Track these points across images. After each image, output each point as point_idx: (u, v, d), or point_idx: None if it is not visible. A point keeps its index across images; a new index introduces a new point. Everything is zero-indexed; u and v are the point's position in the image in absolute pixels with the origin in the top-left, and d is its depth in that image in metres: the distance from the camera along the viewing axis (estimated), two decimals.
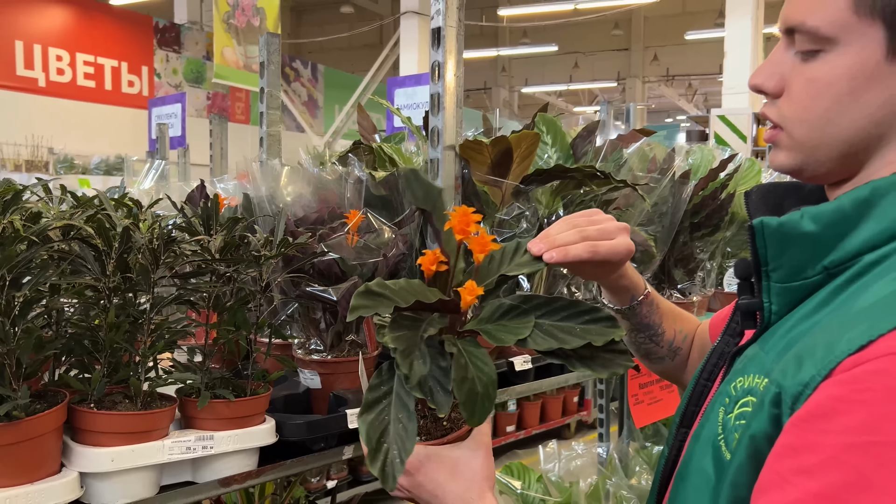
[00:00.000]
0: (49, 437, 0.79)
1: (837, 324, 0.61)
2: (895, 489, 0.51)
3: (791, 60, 0.69)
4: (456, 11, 1.19)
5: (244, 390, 0.96)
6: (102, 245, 0.84)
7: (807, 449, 0.55)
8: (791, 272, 0.67)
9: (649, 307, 0.97)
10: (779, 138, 0.71)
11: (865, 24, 0.63)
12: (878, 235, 0.64)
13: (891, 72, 0.64)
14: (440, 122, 1.20)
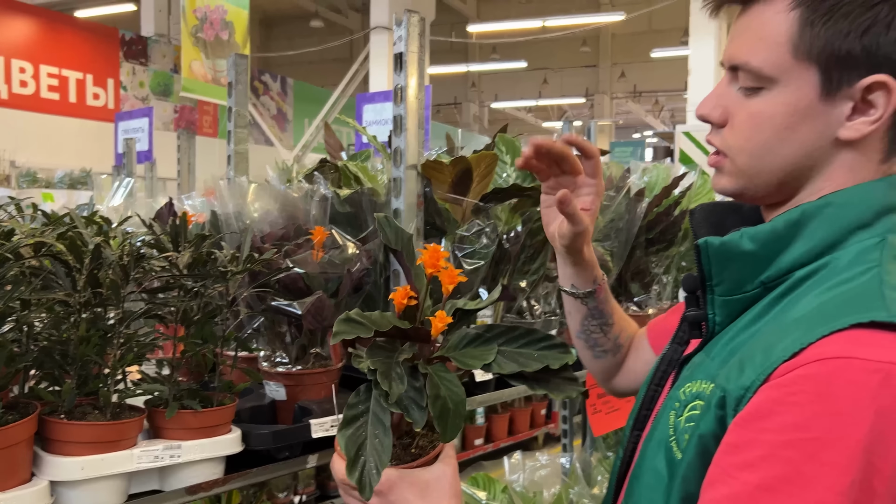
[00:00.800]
0: (20, 447, 0.82)
1: (773, 333, 0.67)
2: (823, 478, 0.58)
3: (735, 94, 0.76)
4: (417, 38, 1.24)
5: (211, 401, 1.00)
6: (74, 261, 0.88)
7: (748, 446, 0.62)
8: (732, 286, 0.74)
9: (605, 294, 1.04)
10: (722, 164, 0.78)
11: (802, 67, 0.70)
12: (807, 254, 0.71)
13: (823, 110, 0.71)
14: (402, 142, 1.26)
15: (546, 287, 1.63)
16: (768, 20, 0.72)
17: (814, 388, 0.60)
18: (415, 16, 1.23)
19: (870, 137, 0.71)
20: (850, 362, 0.60)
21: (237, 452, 1.02)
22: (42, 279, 0.88)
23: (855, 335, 0.62)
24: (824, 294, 0.68)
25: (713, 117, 0.77)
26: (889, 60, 0.68)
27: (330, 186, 1.33)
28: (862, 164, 0.73)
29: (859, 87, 0.69)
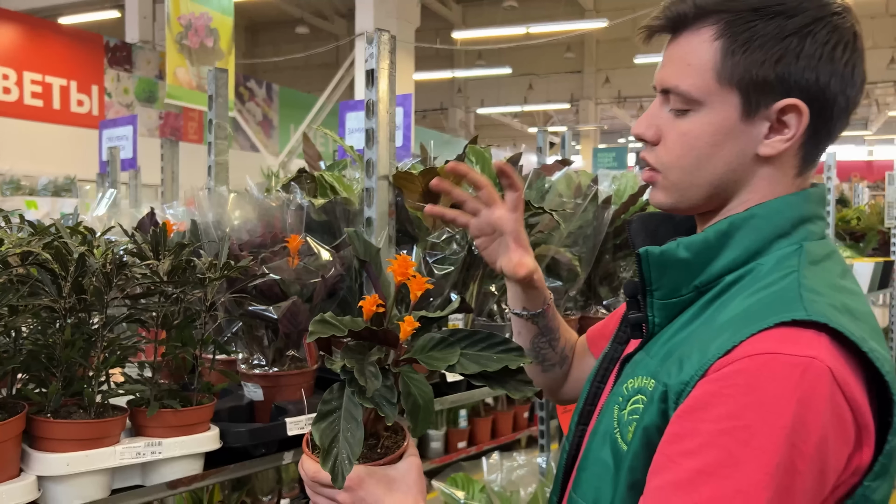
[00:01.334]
0: (9, 444, 0.88)
1: (707, 333, 0.75)
2: (753, 461, 0.66)
3: (666, 115, 0.83)
4: (388, 55, 1.31)
5: (190, 401, 1.05)
6: (59, 269, 0.93)
7: (688, 435, 0.70)
8: (670, 291, 0.81)
9: (553, 312, 1.11)
10: (656, 180, 0.86)
11: (725, 91, 0.78)
12: (735, 261, 0.79)
13: (744, 130, 0.79)
14: (374, 154, 1.32)
15: None
16: (695, 48, 0.79)
17: (744, 381, 0.68)
18: (385, 34, 1.29)
19: (785, 154, 0.79)
20: (775, 357, 0.67)
21: (216, 449, 1.07)
22: (29, 286, 0.94)
23: (779, 333, 0.69)
24: (751, 297, 0.75)
25: (647, 136, 0.84)
26: (799, 86, 0.76)
27: (306, 196, 1.39)
28: (779, 177, 0.81)
29: (775, 109, 0.77)
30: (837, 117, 0.79)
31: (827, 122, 0.79)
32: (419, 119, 18.36)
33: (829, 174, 3.72)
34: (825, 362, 0.67)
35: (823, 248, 0.80)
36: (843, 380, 0.67)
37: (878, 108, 19.42)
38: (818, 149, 0.81)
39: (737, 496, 0.65)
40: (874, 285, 3.98)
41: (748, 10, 0.76)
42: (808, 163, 0.82)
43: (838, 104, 0.78)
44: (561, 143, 2.81)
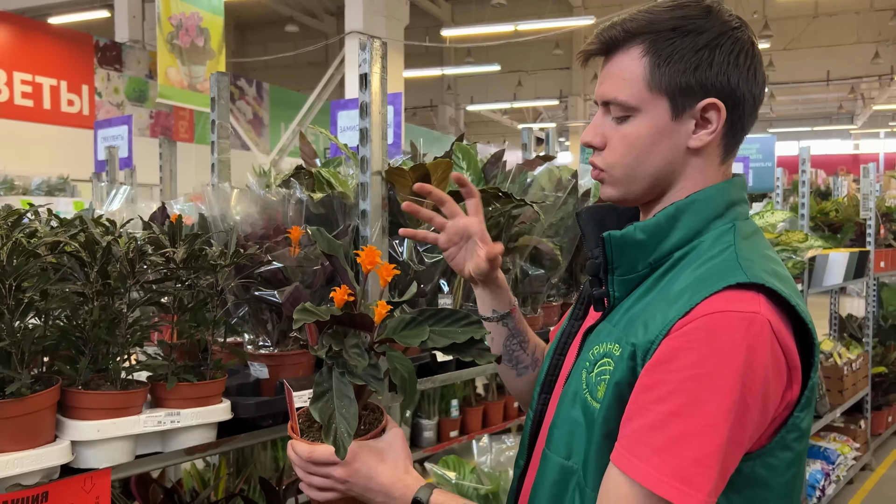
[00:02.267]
0: (46, 412, 0.98)
1: (665, 300, 0.89)
2: (714, 400, 0.80)
3: (609, 124, 0.98)
4: (380, 60, 1.42)
5: (204, 376, 1.17)
6: (87, 257, 1.04)
7: (657, 385, 0.84)
8: (628, 268, 0.96)
9: (519, 315, 1.23)
10: (604, 177, 1.00)
11: (656, 97, 0.93)
12: (682, 239, 0.94)
13: (675, 128, 0.94)
14: (368, 151, 1.43)
15: None
16: (627, 65, 0.94)
17: (703, 335, 0.83)
18: (376, 41, 1.40)
19: (710, 145, 0.95)
20: (726, 314, 0.83)
21: (227, 421, 1.19)
22: (60, 274, 1.05)
23: (727, 295, 0.84)
24: (700, 268, 0.90)
25: (595, 143, 0.99)
26: (715, 88, 0.92)
27: (304, 191, 1.50)
28: (707, 166, 0.96)
29: (698, 109, 0.93)
30: (748, 112, 0.95)
31: (741, 117, 0.94)
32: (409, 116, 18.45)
33: (803, 167, 3.85)
34: (765, 316, 0.82)
35: (750, 226, 0.96)
36: (778, 329, 0.83)
37: (863, 103, 19.66)
38: (736, 139, 0.97)
39: (704, 429, 0.79)
40: (849, 275, 4.12)
41: (667, 31, 0.92)
42: (728, 152, 0.97)
43: (747, 101, 0.94)
44: (546, 140, 2.92)
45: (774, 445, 0.86)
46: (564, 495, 0.93)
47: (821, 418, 4.01)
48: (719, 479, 0.81)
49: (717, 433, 0.79)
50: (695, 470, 0.79)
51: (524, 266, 1.84)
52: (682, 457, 0.80)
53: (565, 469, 0.94)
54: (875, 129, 22.88)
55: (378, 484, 0.96)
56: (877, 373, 5.07)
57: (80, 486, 1.01)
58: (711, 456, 0.79)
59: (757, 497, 0.87)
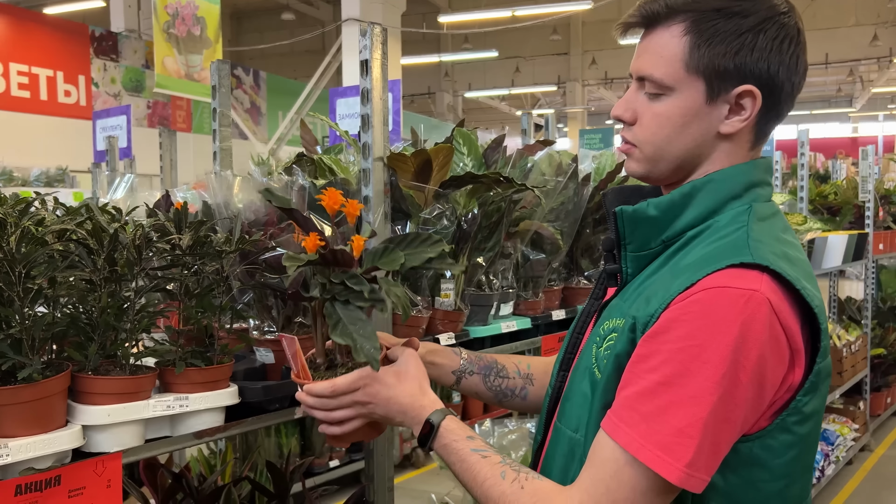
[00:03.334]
0: (57, 397, 1.00)
1: (671, 275, 0.91)
2: (703, 372, 0.81)
3: (642, 99, 0.98)
4: (380, 46, 1.43)
5: (211, 361, 1.18)
6: (94, 245, 1.05)
7: (651, 355, 0.85)
8: (641, 245, 0.96)
9: (471, 355, 1.22)
10: (632, 153, 1.00)
11: (693, 78, 0.93)
12: (696, 218, 0.94)
13: (708, 112, 0.94)
14: (370, 137, 1.44)
15: (503, 263, 1.83)
16: (667, 42, 0.94)
17: (699, 308, 0.84)
18: (377, 27, 1.41)
19: (742, 132, 0.94)
20: (724, 290, 0.84)
21: (235, 405, 1.20)
22: (69, 261, 1.06)
23: (729, 272, 0.85)
24: (709, 245, 0.91)
25: (626, 117, 0.99)
26: (753, 74, 0.91)
27: (307, 178, 1.51)
28: (736, 151, 0.96)
29: (734, 94, 0.92)
30: (785, 100, 0.94)
31: (776, 105, 0.94)
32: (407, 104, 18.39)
33: (801, 150, 3.85)
34: (765, 294, 0.83)
35: (769, 208, 0.96)
36: (780, 309, 0.83)
37: (862, 85, 19.61)
38: (768, 127, 0.96)
39: (690, 400, 0.81)
40: (848, 257, 4.14)
41: (711, 11, 0.91)
42: (759, 139, 0.97)
43: (785, 89, 0.93)
44: (545, 125, 2.93)
45: (774, 428, 0.86)
46: (571, 466, 0.95)
47: None
48: (704, 452, 0.81)
49: (703, 405, 0.80)
50: (676, 440, 0.80)
51: (525, 250, 1.85)
52: (667, 425, 0.81)
53: (573, 441, 0.96)
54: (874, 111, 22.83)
55: (398, 404, 1.01)
56: (875, 354, 5.10)
57: (91, 469, 1.03)
58: (694, 426, 0.80)
59: (753, 476, 0.87)
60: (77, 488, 1.02)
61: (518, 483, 0.90)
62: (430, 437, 0.98)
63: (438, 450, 0.98)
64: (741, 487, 0.87)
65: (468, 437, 0.96)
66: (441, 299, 1.60)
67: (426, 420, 0.98)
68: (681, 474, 0.80)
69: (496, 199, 1.65)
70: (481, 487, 0.92)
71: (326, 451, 3.95)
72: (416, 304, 1.56)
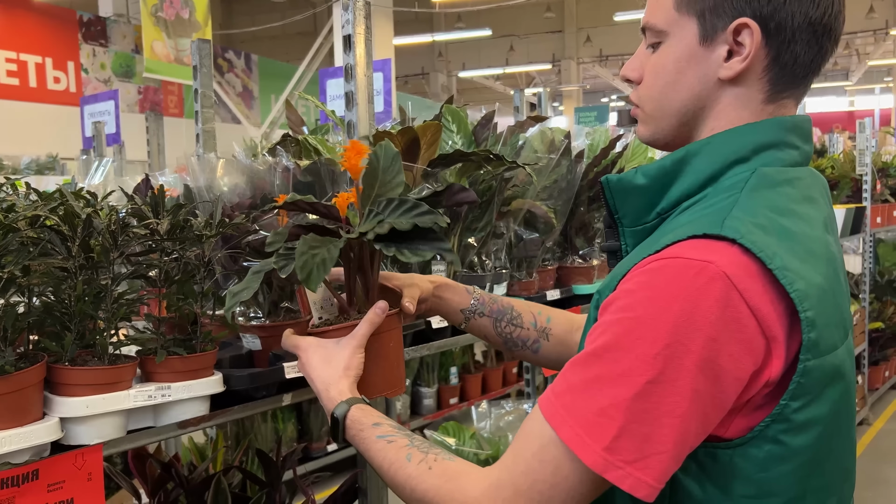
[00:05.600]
0: (33, 389, 0.97)
1: (642, 247, 0.82)
2: (635, 348, 0.71)
3: (646, 54, 0.89)
4: (364, 20, 1.38)
5: (194, 349, 1.15)
6: (68, 231, 1.01)
7: (597, 327, 0.77)
8: (635, 218, 0.87)
9: (485, 297, 1.16)
10: (638, 115, 0.91)
11: (685, 18, 0.84)
12: (691, 187, 0.83)
13: (703, 54, 0.83)
14: (354, 115, 1.40)
15: (496, 243, 1.79)
16: None
17: (644, 279, 0.74)
18: (360, 1, 1.36)
19: (748, 76, 0.82)
20: (674, 260, 0.73)
21: (222, 393, 1.17)
22: (40, 248, 1.02)
23: (688, 243, 0.74)
24: (690, 216, 0.80)
25: (633, 77, 0.90)
26: (749, 6, 0.79)
27: (291, 159, 1.47)
28: (744, 102, 0.83)
29: (729, 31, 0.81)
30: (800, 38, 0.80)
31: (789, 43, 0.80)
32: (401, 85, 18.23)
33: None
34: (722, 268, 0.70)
35: (784, 173, 0.80)
36: (745, 287, 0.70)
37: (858, 58, 19.48)
38: (786, 74, 0.82)
39: (617, 379, 0.71)
40: (846, 230, 4.12)
41: None
42: (777, 89, 0.82)
43: (796, 22, 0.79)
44: (538, 103, 2.88)
45: (756, 436, 0.74)
46: None
47: None
48: (631, 441, 0.69)
49: (629, 386, 0.70)
50: (597, 420, 0.70)
51: (518, 230, 1.82)
52: (590, 402, 0.71)
53: None
54: (870, 84, 22.71)
55: (314, 387, 1.02)
56: (874, 328, 5.09)
57: (71, 462, 1.00)
58: (616, 408, 0.70)
59: (734, 490, 0.75)
60: (56, 482, 0.99)
61: (425, 464, 0.83)
62: (338, 430, 0.95)
63: (349, 440, 0.94)
64: (720, 500, 0.75)
65: (374, 424, 0.91)
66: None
67: (332, 414, 0.96)
68: (598, 458, 0.70)
69: (487, 178, 1.61)
70: (388, 473, 0.87)
71: (324, 435, 3.94)
72: None
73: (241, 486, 1.56)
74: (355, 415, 0.93)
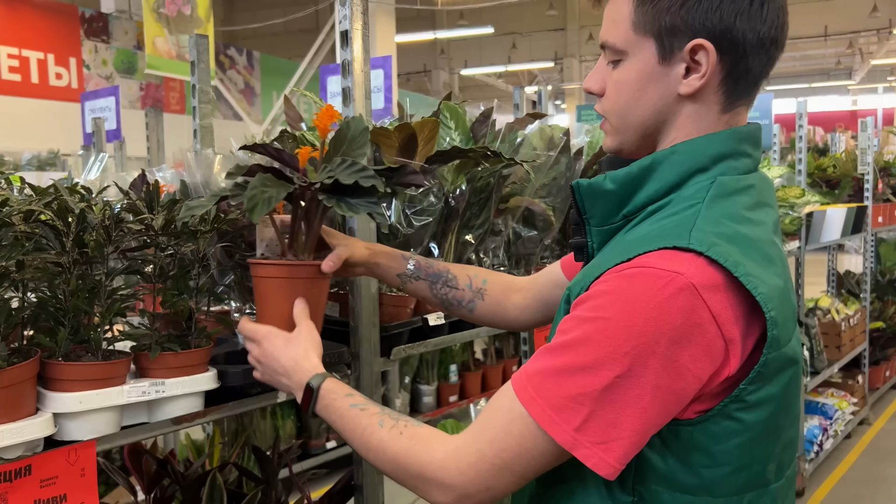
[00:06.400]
0: (26, 384, 0.96)
1: (614, 250, 0.86)
2: (603, 346, 0.78)
3: (607, 69, 0.94)
4: (360, 16, 1.37)
5: (189, 345, 1.14)
6: (62, 226, 1.01)
7: (567, 321, 0.83)
8: (602, 219, 0.92)
9: (421, 261, 1.25)
10: (605, 127, 0.96)
11: (643, 39, 0.89)
12: (657, 192, 0.88)
13: (662, 72, 0.89)
14: (351, 111, 1.39)
15: (494, 240, 1.79)
16: (618, 6, 0.91)
17: (617, 284, 0.80)
18: None
19: (705, 91, 0.87)
20: (647, 269, 0.79)
21: (216, 390, 1.17)
22: (34, 243, 1.01)
23: (659, 254, 0.80)
24: (655, 223, 0.86)
25: (595, 89, 0.96)
26: (704, 27, 0.85)
27: None
28: (702, 114, 0.89)
29: (686, 50, 0.86)
30: (752, 53, 0.86)
31: (741, 59, 0.86)
32: (403, 82, 18.21)
33: (800, 122, 3.80)
34: (689, 278, 0.77)
35: (739, 182, 0.88)
36: (709, 296, 0.77)
37: (861, 58, 19.43)
38: (738, 86, 0.88)
39: (588, 370, 0.78)
40: (847, 230, 4.10)
41: None
42: (732, 99, 0.88)
43: (748, 40, 0.85)
44: (538, 100, 2.87)
45: (715, 414, 0.81)
46: None
47: (818, 374, 4.02)
48: (599, 425, 0.77)
49: (599, 378, 0.77)
50: (567, 403, 0.78)
51: (516, 227, 1.81)
52: (561, 387, 0.79)
53: None
54: (873, 84, 22.65)
55: (281, 366, 1.05)
56: (874, 328, 5.08)
57: (64, 458, 1.00)
58: (587, 397, 0.78)
59: (692, 460, 0.83)
60: (49, 478, 0.98)
61: (397, 429, 0.90)
62: (311, 400, 1.00)
63: (320, 412, 0.99)
64: (680, 471, 0.83)
65: (347, 394, 0.98)
66: None
67: (307, 384, 1.00)
68: (567, 437, 0.78)
69: (485, 175, 1.61)
70: (360, 439, 0.93)
71: (323, 432, 3.93)
72: None
73: (238, 483, 1.56)
74: (329, 385, 1.00)
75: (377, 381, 1.44)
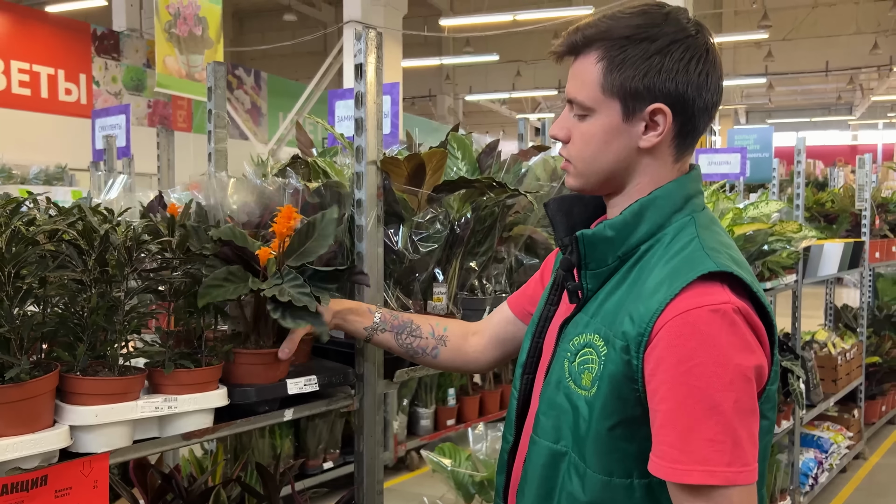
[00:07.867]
0: (45, 397, 1.00)
1: (643, 291, 0.95)
2: (711, 385, 0.87)
3: (572, 120, 1.05)
4: (375, 50, 1.43)
5: (200, 363, 1.18)
6: (85, 245, 1.06)
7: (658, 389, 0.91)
8: (599, 263, 1.02)
9: (386, 314, 1.34)
10: (569, 169, 1.08)
11: (609, 99, 1.00)
12: (647, 233, 1.01)
13: (626, 129, 1.01)
14: (363, 141, 1.45)
15: (497, 268, 1.83)
16: (586, 68, 1.01)
17: (686, 332, 0.89)
18: (371, 31, 1.41)
19: (661, 146, 1.02)
20: (701, 309, 0.90)
21: (225, 407, 1.20)
22: (59, 261, 1.06)
23: (697, 290, 0.91)
24: (670, 261, 0.96)
25: (560, 136, 1.07)
26: (663, 93, 0.98)
27: (300, 180, 1.51)
28: (660, 165, 1.03)
29: (647, 112, 0.99)
30: (699, 115, 1.01)
31: (690, 120, 1.01)
32: (407, 106, 18.40)
33: (798, 158, 3.86)
34: (733, 304, 0.92)
35: (707, 216, 1.05)
36: (746, 312, 0.92)
37: (862, 93, 19.64)
38: (687, 141, 1.03)
39: (708, 413, 0.87)
40: (844, 265, 4.15)
41: (621, 38, 0.99)
42: (681, 151, 1.04)
43: (697, 105, 1.00)
44: (542, 130, 2.94)
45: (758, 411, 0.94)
46: (556, 476, 1.00)
47: (814, 407, 4.04)
48: (741, 447, 0.87)
49: (721, 412, 0.87)
50: (710, 449, 0.86)
51: (518, 255, 1.86)
52: (695, 442, 0.87)
53: (555, 452, 1.00)
54: (874, 119, 22.85)
55: None
56: (871, 362, 5.10)
57: (78, 469, 1.03)
58: (724, 433, 0.86)
59: None
60: (64, 488, 1.02)
61: None
62: None
63: None
64: None
65: None
66: (433, 303, 1.60)
67: None
68: (727, 475, 0.86)
69: (490, 204, 1.66)
70: None
71: (321, 452, 3.94)
72: (407, 308, 1.56)
73: (240, 500, 1.59)
74: None
75: (380, 403, 1.48)
